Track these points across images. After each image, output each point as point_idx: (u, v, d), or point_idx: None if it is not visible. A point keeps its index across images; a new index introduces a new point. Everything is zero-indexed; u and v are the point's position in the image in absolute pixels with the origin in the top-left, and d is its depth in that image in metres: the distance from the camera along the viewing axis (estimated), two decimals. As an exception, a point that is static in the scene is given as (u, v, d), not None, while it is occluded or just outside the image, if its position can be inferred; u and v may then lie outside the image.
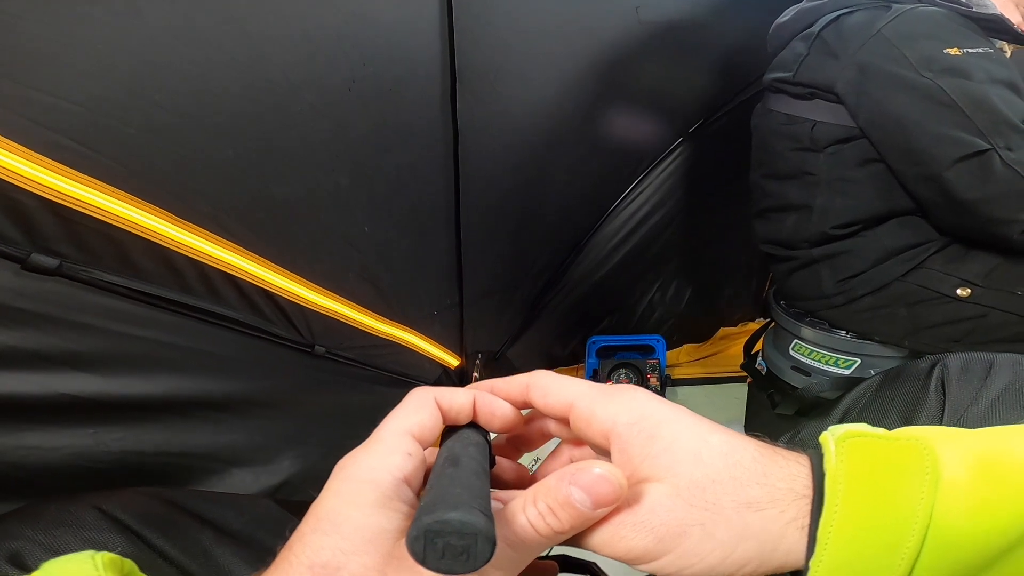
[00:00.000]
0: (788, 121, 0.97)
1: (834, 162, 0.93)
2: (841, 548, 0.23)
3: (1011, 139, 0.79)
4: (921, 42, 0.83)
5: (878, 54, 0.85)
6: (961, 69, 0.81)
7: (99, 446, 0.77)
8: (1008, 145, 0.79)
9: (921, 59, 0.82)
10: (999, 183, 0.79)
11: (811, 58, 0.93)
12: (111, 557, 0.27)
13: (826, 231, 0.96)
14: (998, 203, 0.81)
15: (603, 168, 1.30)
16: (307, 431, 1.03)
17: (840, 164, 0.92)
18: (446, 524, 0.21)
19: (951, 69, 0.81)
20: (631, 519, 0.25)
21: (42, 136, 0.65)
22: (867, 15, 0.88)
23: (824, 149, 0.93)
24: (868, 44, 0.85)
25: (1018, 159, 0.79)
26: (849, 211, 0.94)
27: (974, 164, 0.80)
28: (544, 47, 1.09)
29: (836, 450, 0.25)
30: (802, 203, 0.98)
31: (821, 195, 0.95)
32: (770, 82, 1.02)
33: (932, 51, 0.82)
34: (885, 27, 0.85)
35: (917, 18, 0.85)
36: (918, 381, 0.53)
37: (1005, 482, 0.24)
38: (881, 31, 0.85)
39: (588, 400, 0.28)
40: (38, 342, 0.70)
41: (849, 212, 0.94)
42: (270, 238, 0.89)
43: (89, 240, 0.71)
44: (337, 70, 0.87)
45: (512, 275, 1.32)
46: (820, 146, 0.93)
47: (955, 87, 0.80)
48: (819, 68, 0.91)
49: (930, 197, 0.87)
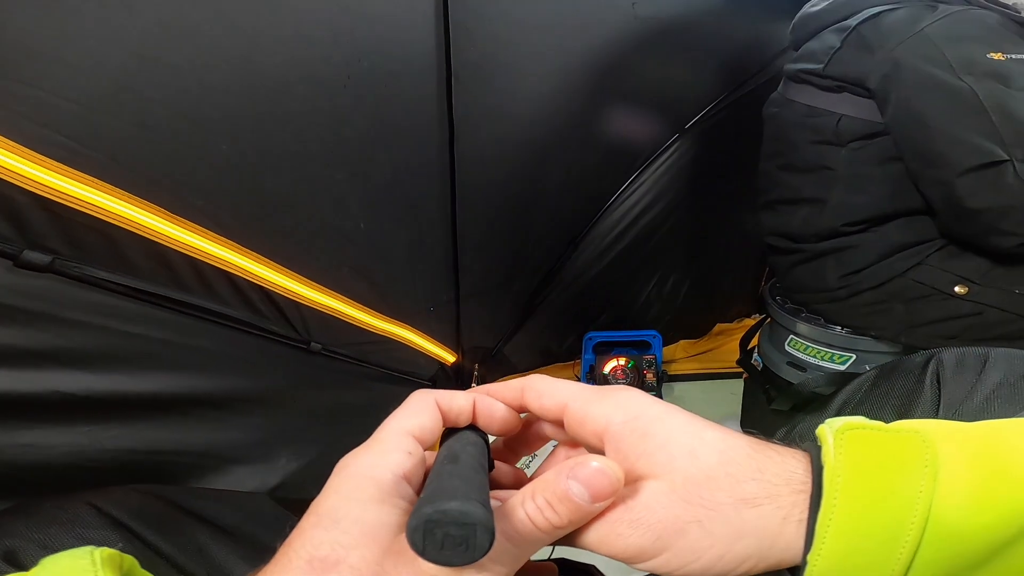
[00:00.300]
0: (811, 113, 0.96)
1: (854, 158, 0.92)
2: (840, 542, 0.23)
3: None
4: (965, 44, 0.82)
5: (917, 52, 0.84)
6: (1002, 74, 0.80)
7: (94, 444, 0.76)
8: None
9: (963, 61, 0.81)
10: (1008, 195, 0.78)
11: (844, 51, 0.91)
12: (110, 553, 0.27)
13: (837, 227, 0.96)
14: (1003, 215, 0.80)
15: (599, 163, 1.30)
16: (303, 428, 1.03)
17: (860, 160, 0.92)
18: (445, 514, 0.21)
19: (992, 74, 0.80)
20: (628, 516, 0.25)
21: (33, 132, 0.64)
22: (911, 12, 0.87)
23: (847, 144, 0.92)
24: (908, 41, 0.84)
25: None
26: (862, 208, 0.94)
27: (989, 174, 0.79)
28: (540, 42, 1.08)
29: (835, 443, 0.25)
30: (816, 197, 0.98)
31: (837, 190, 0.95)
32: (795, 72, 1.00)
33: (974, 54, 0.81)
34: (929, 26, 0.84)
35: (965, 20, 0.84)
36: (913, 375, 0.53)
37: (1004, 476, 0.24)
38: (924, 30, 0.84)
39: (581, 401, 0.29)
40: (31, 339, 0.69)
41: (863, 209, 0.94)
42: (265, 234, 0.88)
43: (82, 236, 0.70)
44: (332, 65, 0.86)
45: (508, 270, 1.32)
46: (843, 140, 0.92)
47: (991, 92, 0.79)
48: (852, 62, 0.90)
49: (937, 199, 0.87)
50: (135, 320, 0.78)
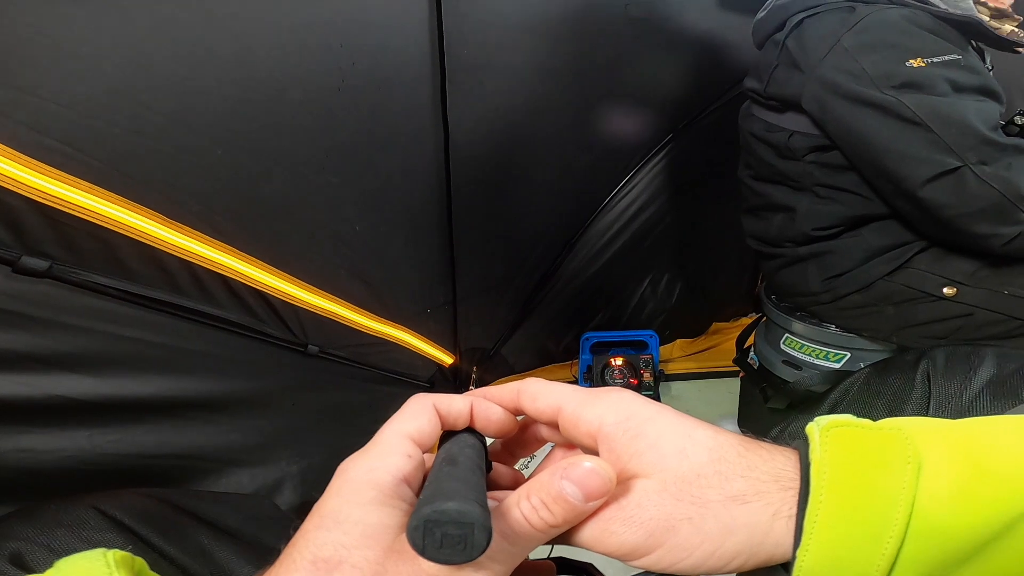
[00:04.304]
0: (767, 128, 0.96)
1: (813, 170, 0.92)
2: (826, 537, 0.23)
3: (984, 153, 0.76)
4: (881, 53, 0.79)
5: (839, 69, 0.81)
6: (923, 83, 0.77)
7: (95, 448, 0.77)
8: (982, 159, 0.76)
9: (880, 74, 0.78)
10: (976, 199, 0.77)
11: (779, 71, 0.90)
12: (123, 555, 0.27)
13: (808, 232, 0.96)
14: (977, 218, 0.79)
15: (594, 164, 1.31)
16: (302, 430, 1.03)
17: (819, 172, 0.92)
18: (444, 514, 0.22)
19: (912, 83, 0.77)
20: (620, 514, 0.25)
21: (29, 138, 0.65)
22: (830, 20, 0.85)
23: (803, 158, 0.92)
24: (828, 57, 0.82)
25: (994, 173, 0.76)
26: (832, 215, 0.94)
27: (948, 182, 0.77)
28: (534, 45, 1.09)
29: (821, 440, 0.25)
30: (786, 204, 0.98)
31: (804, 199, 0.95)
32: (745, 90, 1.00)
33: (892, 65, 0.78)
34: (845, 36, 0.81)
35: (879, 25, 0.81)
36: (904, 373, 0.54)
37: (988, 472, 0.24)
38: (841, 41, 0.81)
39: (575, 404, 0.29)
40: (30, 344, 0.70)
41: (832, 216, 0.94)
42: (261, 237, 0.89)
43: (79, 242, 0.71)
44: (326, 69, 0.87)
45: (505, 272, 1.32)
46: (798, 155, 0.92)
47: (919, 103, 0.76)
48: (786, 82, 0.89)
49: (910, 211, 0.86)
50: (133, 324, 0.78)
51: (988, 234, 0.80)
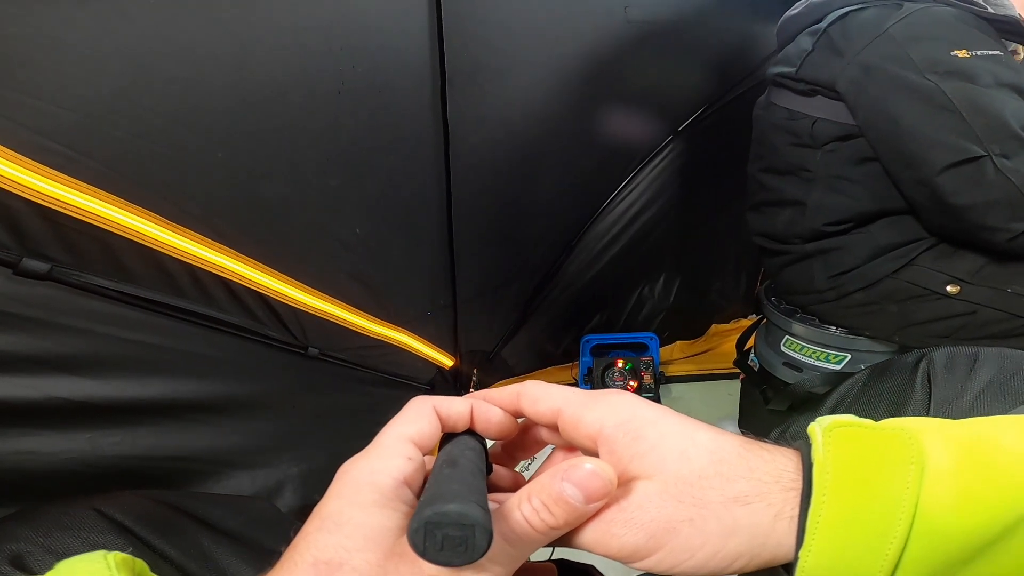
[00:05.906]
0: (789, 116, 0.97)
1: (831, 159, 0.93)
2: (829, 538, 0.23)
3: (1009, 146, 0.77)
4: (928, 43, 0.81)
5: (883, 54, 0.83)
6: (967, 72, 0.79)
7: (96, 450, 0.77)
8: (1005, 152, 0.77)
9: (926, 60, 0.80)
10: (991, 190, 0.78)
11: (815, 54, 0.92)
12: (123, 557, 0.27)
13: (818, 227, 0.96)
14: (988, 210, 0.80)
15: (594, 166, 1.31)
16: (302, 433, 1.03)
17: (836, 162, 0.92)
18: (445, 516, 0.22)
19: (956, 72, 0.79)
20: (621, 516, 0.25)
21: (31, 140, 0.65)
22: (877, 13, 0.87)
23: (822, 146, 0.93)
24: (874, 43, 0.84)
25: (1014, 167, 0.77)
26: (842, 209, 0.94)
27: (967, 170, 0.79)
28: (533, 47, 1.09)
29: (823, 440, 0.25)
30: (796, 199, 0.98)
31: (816, 191, 0.95)
32: (773, 76, 1.01)
33: (938, 53, 0.80)
34: (893, 27, 0.83)
35: (927, 18, 0.83)
36: (904, 375, 0.54)
37: (990, 472, 0.24)
38: (888, 30, 0.83)
39: (575, 406, 0.29)
40: (31, 346, 0.70)
41: (842, 210, 0.94)
42: (261, 240, 0.89)
43: (80, 244, 0.71)
44: (327, 72, 0.87)
45: (505, 274, 1.32)
46: (819, 143, 0.93)
47: (958, 90, 0.78)
48: (822, 65, 0.91)
49: (921, 200, 0.87)
50: (134, 327, 0.78)
51: (996, 227, 0.81)
